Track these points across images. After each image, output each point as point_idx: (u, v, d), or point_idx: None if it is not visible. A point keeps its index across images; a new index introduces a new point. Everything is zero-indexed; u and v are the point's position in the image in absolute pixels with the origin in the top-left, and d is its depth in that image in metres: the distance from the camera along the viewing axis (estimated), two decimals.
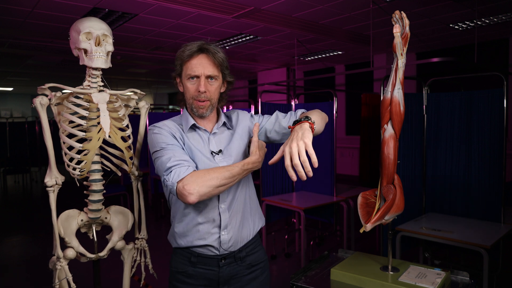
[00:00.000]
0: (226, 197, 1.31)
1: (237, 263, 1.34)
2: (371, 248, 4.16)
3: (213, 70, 1.26)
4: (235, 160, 1.32)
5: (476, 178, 2.87)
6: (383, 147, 1.50)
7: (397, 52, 1.43)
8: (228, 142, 1.36)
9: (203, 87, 1.25)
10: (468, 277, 1.53)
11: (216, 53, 1.26)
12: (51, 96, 1.56)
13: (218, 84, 1.30)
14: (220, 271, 1.31)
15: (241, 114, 1.45)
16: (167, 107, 11.30)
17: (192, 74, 1.26)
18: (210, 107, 1.31)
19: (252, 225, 1.39)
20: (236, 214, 1.33)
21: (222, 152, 1.32)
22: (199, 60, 1.25)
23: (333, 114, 3.85)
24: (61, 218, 1.62)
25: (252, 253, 1.38)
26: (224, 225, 1.29)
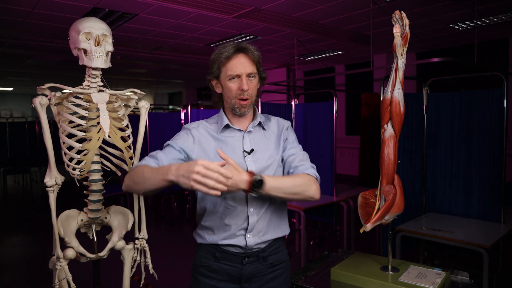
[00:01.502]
0: (255, 201, 1.31)
1: (259, 262, 1.35)
2: (371, 248, 4.16)
3: (252, 68, 1.30)
4: (263, 161, 1.34)
5: (476, 178, 2.86)
6: (383, 147, 1.50)
7: (397, 52, 1.43)
8: (261, 142, 1.38)
9: (246, 85, 1.29)
10: (468, 277, 1.53)
11: (253, 51, 1.30)
12: (50, 96, 1.56)
13: (256, 82, 1.35)
14: (243, 268, 1.33)
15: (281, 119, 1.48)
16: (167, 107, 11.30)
17: (233, 74, 1.30)
18: (250, 105, 1.34)
19: (279, 231, 1.39)
20: (264, 220, 1.33)
21: (254, 151, 1.34)
22: (239, 59, 1.29)
23: (333, 114, 3.85)
24: (61, 218, 1.62)
25: (275, 253, 1.39)
26: (250, 228, 1.31)
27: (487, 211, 2.80)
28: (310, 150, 4.16)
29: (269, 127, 1.43)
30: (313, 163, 1.41)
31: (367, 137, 6.71)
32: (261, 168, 1.33)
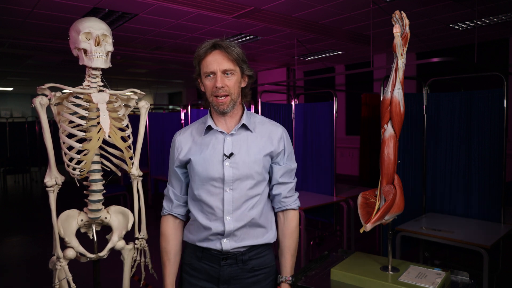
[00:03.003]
0: (232, 211, 1.30)
1: (238, 265, 1.32)
2: (371, 248, 4.16)
3: (228, 65, 1.26)
4: (242, 168, 1.29)
5: (476, 178, 2.86)
6: (383, 147, 1.50)
7: (397, 52, 1.43)
8: (244, 146, 1.32)
9: (220, 82, 1.25)
10: (468, 277, 1.53)
11: (230, 47, 1.25)
12: (50, 96, 1.56)
13: (237, 79, 1.29)
14: (221, 269, 1.31)
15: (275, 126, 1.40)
16: (167, 107, 11.30)
17: (208, 71, 1.27)
18: (231, 103, 1.29)
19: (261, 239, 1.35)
20: (243, 228, 1.31)
21: (234, 155, 1.30)
22: (214, 56, 1.26)
23: (333, 114, 3.85)
24: (61, 218, 1.62)
25: (257, 257, 1.35)
26: (227, 234, 1.30)
27: (487, 211, 2.80)
28: (310, 150, 4.16)
29: (259, 131, 1.36)
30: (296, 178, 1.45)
31: (367, 137, 6.71)
32: (239, 175, 1.29)
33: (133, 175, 1.82)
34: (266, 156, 1.33)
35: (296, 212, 1.43)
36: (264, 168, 1.33)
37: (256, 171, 1.31)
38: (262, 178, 1.34)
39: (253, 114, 1.42)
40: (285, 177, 1.39)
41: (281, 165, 1.38)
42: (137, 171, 1.82)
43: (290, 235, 1.40)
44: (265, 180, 1.35)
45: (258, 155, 1.31)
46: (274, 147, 1.34)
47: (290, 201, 1.40)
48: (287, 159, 1.39)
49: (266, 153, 1.32)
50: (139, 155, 1.81)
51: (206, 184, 1.31)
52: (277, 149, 1.35)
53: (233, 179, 1.29)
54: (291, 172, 1.40)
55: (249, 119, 1.36)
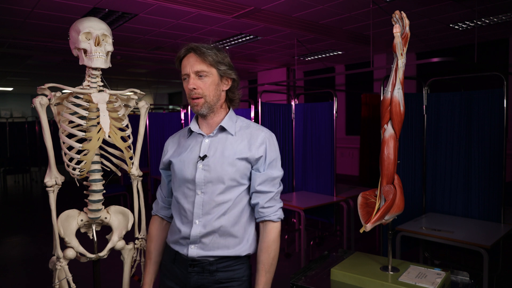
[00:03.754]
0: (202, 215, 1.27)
1: (204, 274, 1.28)
2: (371, 248, 4.16)
3: (201, 66, 1.25)
4: (214, 170, 1.26)
5: (476, 178, 2.86)
6: (383, 147, 1.50)
7: (397, 52, 1.43)
8: (219, 149, 1.29)
9: (192, 84, 1.26)
10: (468, 277, 1.53)
11: (204, 50, 1.25)
12: (50, 96, 1.56)
13: (212, 81, 1.26)
14: (188, 276, 1.28)
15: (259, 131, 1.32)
16: (167, 107, 11.30)
17: (183, 74, 1.30)
18: (205, 105, 1.27)
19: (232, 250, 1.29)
20: (210, 235, 1.26)
21: (208, 158, 1.27)
22: (187, 59, 1.28)
23: (333, 114, 3.85)
24: (61, 218, 1.62)
25: (226, 270, 1.29)
26: (192, 239, 1.27)
27: (487, 211, 2.80)
28: (310, 150, 4.16)
29: (241, 134, 1.31)
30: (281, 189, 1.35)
31: (367, 137, 6.71)
32: (210, 178, 1.26)
33: (133, 175, 1.82)
34: (242, 161, 1.27)
35: (276, 225, 1.31)
36: (239, 173, 1.27)
37: (229, 175, 1.26)
38: (236, 184, 1.27)
39: (240, 118, 1.38)
40: (264, 186, 1.29)
41: (261, 172, 1.29)
42: (137, 171, 1.82)
43: (266, 249, 1.28)
44: (239, 185, 1.29)
45: (232, 158, 1.26)
46: (252, 152, 1.27)
47: (269, 212, 1.30)
48: (268, 166, 1.30)
49: (241, 157, 1.26)
50: (139, 155, 1.81)
51: (182, 186, 1.31)
52: (255, 155, 1.27)
53: (204, 181, 1.26)
54: (272, 181, 1.30)
55: (232, 122, 1.33)
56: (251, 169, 1.30)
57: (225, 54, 1.30)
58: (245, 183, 1.30)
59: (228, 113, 1.34)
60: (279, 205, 1.34)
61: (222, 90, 1.31)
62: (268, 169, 1.30)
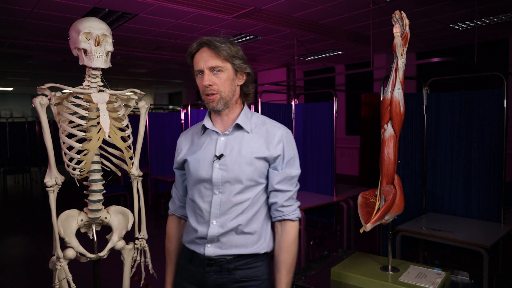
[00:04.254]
0: (219, 215, 1.24)
1: (223, 273, 1.24)
2: (371, 248, 4.15)
3: (216, 62, 1.20)
4: (232, 170, 1.22)
5: (476, 178, 2.86)
6: (383, 147, 1.50)
7: (397, 52, 1.43)
8: (235, 147, 1.25)
9: (207, 80, 1.21)
10: (468, 277, 1.53)
11: (217, 44, 1.20)
12: (50, 96, 1.56)
13: (227, 76, 1.22)
14: (206, 275, 1.25)
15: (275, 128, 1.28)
16: (167, 107, 11.30)
17: (196, 70, 1.24)
18: (221, 101, 1.23)
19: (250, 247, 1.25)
20: (227, 234, 1.23)
21: (224, 157, 1.23)
22: (201, 54, 1.23)
23: (333, 114, 3.85)
24: (61, 218, 1.62)
25: (245, 268, 1.25)
26: (210, 239, 1.24)
27: (487, 211, 2.79)
28: (310, 150, 4.16)
29: (257, 132, 1.27)
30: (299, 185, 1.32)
31: (367, 137, 6.71)
32: (228, 178, 1.22)
33: (133, 175, 1.82)
34: (260, 160, 1.23)
35: (295, 224, 1.29)
36: (257, 172, 1.23)
37: (246, 175, 1.22)
38: (254, 183, 1.24)
39: (255, 114, 1.34)
40: (283, 184, 1.26)
41: (279, 170, 1.26)
42: (137, 171, 1.82)
43: (287, 249, 1.26)
44: (258, 185, 1.26)
45: (250, 158, 1.22)
46: (270, 151, 1.24)
47: (288, 211, 1.27)
48: (287, 165, 1.26)
49: (259, 157, 1.23)
50: (139, 155, 1.81)
51: (198, 185, 1.27)
52: (274, 153, 1.24)
53: (221, 181, 1.22)
54: (291, 180, 1.28)
55: (247, 118, 1.28)
56: (269, 168, 1.27)
57: (238, 47, 1.25)
58: (263, 182, 1.27)
59: (243, 109, 1.30)
60: (297, 204, 1.31)
61: (237, 85, 1.27)
62: (286, 168, 1.26)
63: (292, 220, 1.28)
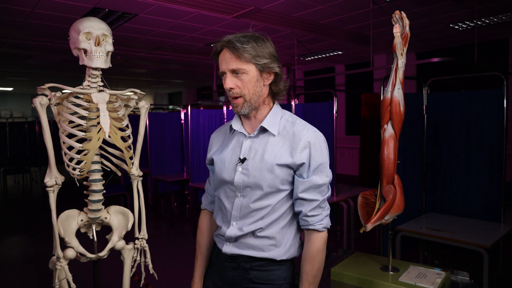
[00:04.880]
0: (239, 218, 1.23)
1: (239, 271, 1.24)
2: (371, 248, 4.16)
3: (237, 64, 1.15)
4: (253, 175, 1.19)
5: (476, 178, 2.86)
6: (383, 147, 1.50)
7: (397, 52, 1.43)
8: (259, 151, 1.20)
9: (228, 84, 1.17)
10: (468, 277, 1.53)
11: (238, 45, 1.14)
12: (50, 96, 1.56)
13: (250, 77, 1.16)
14: (225, 270, 1.28)
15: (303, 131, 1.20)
16: (167, 107, 11.30)
17: (220, 71, 1.20)
18: (246, 104, 1.18)
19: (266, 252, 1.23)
20: (249, 236, 1.22)
21: (247, 161, 1.20)
22: (223, 56, 1.18)
23: (333, 114, 3.85)
24: (61, 218, 1.62)
25: (260, 270, 1.23)
26: (227, 238, 1.24)
27: (487, 211, 2.80)
28: None
29: (284, 135, 1.21)
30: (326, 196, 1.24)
31: (367, 137, 6.71)
32: (248, 183, 1.19)
33: (133, 175, 1.82)
34: (282, 167, 1.17)
35: (322, 234, 1.21)
36: (278, 179, 1.18)
37: (267, 182, 1.18)
38: (275, 190, 1.19)
39: (287, 113, 1.26)
40: (308, 194, 1.18)
41: (304, 178, 1.18)
42: (137, 171, 1.82)
43: (310, 260, 1.20)
44: (280, 192, 1.20)
45: (271, 164, 1.17)
46: (294, 158, 1.17)
47: (313, 221, 1.20)
48: (313, 173, 1.18)
49: (281, 164, 1.17)
50: (139, 155, 1.81)
51: (223, 185, 1.27)
52: (297, 161, 1.17)
53: (242, 185, 1.20)
54: (317, 188, 1.19)
55: (275, 120, 1.22)
56: (294, 174, 1.20)
57: (266, 44, 1.20)
58: (286, 189, 1.21)
59: (271, 109, 1.24)
60: (325, 213, 1.23)
61: (264, 85, 1.20)
62: (312, 175, 1.18)
63: (318, 231, 1.20)
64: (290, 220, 1.25)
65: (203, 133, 5.00)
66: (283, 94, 1.26)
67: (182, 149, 6.03)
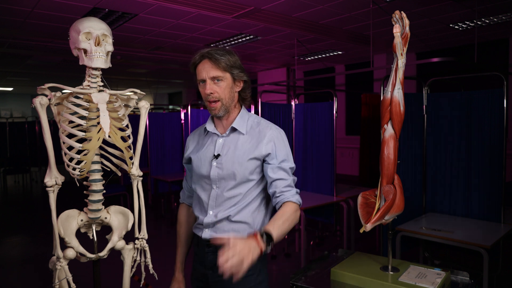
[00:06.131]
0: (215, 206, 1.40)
1: (216, 254, 1.30)
2: (371, 248, 4.16)
3: (216, 72, 1.34)
4: (226, 168, 1.37)
5: (476, 178, 2.86)
6: (383, 147, 1.50)
7: (397, 52, 1.43)
8: (231, 148, 1.40)
9: (209, 89, 1.35)
10: (468, 277, 1.53)
11: (217, 56, 1.33)
12: (50, 96, 1.56)
13: (227, 84, 1.37)
14: (205, 255, 1.43)
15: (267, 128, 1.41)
16: (167, 107, 11.30)
17: (199, 79, 1.38)
18: (222, 107, 1.38)
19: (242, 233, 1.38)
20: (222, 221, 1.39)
21: (220, 156, 1.39)
22: (203, 65, 1.36)
23: (333, 114, 3.85)
24: (61, 218, 1.62)
25: None
26: (205, 225, 1.41)
27: (487, 211, 2.80)
28: (310, 150, 4.16)
29: (251, 133, 1.41)
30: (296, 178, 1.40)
31: (367, 137, 6.71)
32: (223, 175, 1.38)
33: (133, 175, 1.82)
34: (251, 160, 1.37)
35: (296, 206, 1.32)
36: (248, 171, 1.37)
37: (239, 173, 1.37)
38: (246, 180, 1.38)
39: (253, 116, 1.48)
40: (279, 174, 1.35)
41: (274, 164, 1.37)
42: (137, 171, 1.82)
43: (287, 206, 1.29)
44: (249, 181, 1.38)
45: (242, 158, 1.37)
46: (259, 149, 1.37)
47: (287, 194, 1.33)
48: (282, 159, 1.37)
49: (251, 157, 1.37)
50: (139, 155, 1.81)
51: (200, 180, 1.46)
52: (263, 152, 1.36)
53: (217, 178, 1.39)
54: (286, 171, 1.37)
55: (243, 121, 1.43)
56: (263, 164, 1.39)
57: (237, 57, 1.40)
58: (254, 179, 1.39)
59: (240, 112, 1.45)
60: (296, 190, 1.37)
61: (235, 91, 1.42)
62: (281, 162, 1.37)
63: (293, 202, 1.31)
64: (258, 205, 1.43)
65: None
66: (249, 100, 1.48)
67: (182, 149, 6.03)
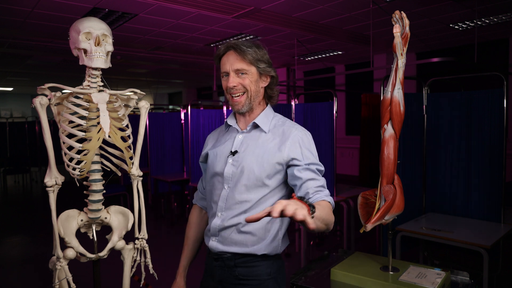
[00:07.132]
0: (224, 209, 1.28)
1: (226, 269, 1.29)
2: (371, 248, 4.16)
3: (241, 65, 1.25)
4: (242, 166, 1.25)
5: (476, 178, 2.86)
6: (383, 147, 1.50)
7: (397, 52, 1.43)
8: (250, 145, 1.29)
9: (231, 82, 1.26)
10: (468, 277, 1.53)
11: (244, 48, 1.24)
12: (50, 96, 1.56)
13: (252, 78, 1.27)
14: (214, 269, 1.33)
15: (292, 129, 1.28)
16: (167, 107, 11.30)
17: (222, 72, 1.30)
18: (246, 102, 1.28)
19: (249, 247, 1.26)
20: (227, 229, 1.27)
21: (238, 153, 1.29)
22: (227, 57, 1.28)
23: (333, 114, 3.85)
24: (61, 218, 1.62)
25: (245, 266, 1.27)
26: (213, 232, 1.30)
27: (487, 211, 2.79)
28: None
29: (274, 131, 1.30)
30: None
31: (367, 137, 6.71)
32: (237, 174, 1.26)
33: (133, 175, 1.82)
34: (270, 161, 1.24)
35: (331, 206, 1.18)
36: (266, 173, 1.23)
37: (255, 174, 1.24)
38: (260, 184, 1.24)
39: (277, 115, 1.37)
40: (307, 174, 1.21)
41: (303, 166, 1.22)
42: (137, 171, 1.82)
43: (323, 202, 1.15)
44: (264, 187, 1.25)
45: (261, 157, 1.24)
46: (283, 153, 1.23)
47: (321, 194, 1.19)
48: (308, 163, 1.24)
49: (270, 158, 1.24)
50: (139, 155, 1.81)
51: (213, 179, 1.35)
52: (286, 155, 1.23)
53: (231, 176, 1.27)
54: (316, 173, 1.23)
55: (267, 119, 1.32)
56: (286, 168, 1.25)
57: (265, 51, 1.30)
58: (269, 185, 1.25)
59: (264, 110, 1.34)
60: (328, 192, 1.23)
61: (261, 87, 1.32)
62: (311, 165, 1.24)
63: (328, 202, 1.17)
64: (273, 219, 1.26)
65: (203, 133, 5.00)
66: (276, 98, 1.37)
67: (182, 149, 6.03)
